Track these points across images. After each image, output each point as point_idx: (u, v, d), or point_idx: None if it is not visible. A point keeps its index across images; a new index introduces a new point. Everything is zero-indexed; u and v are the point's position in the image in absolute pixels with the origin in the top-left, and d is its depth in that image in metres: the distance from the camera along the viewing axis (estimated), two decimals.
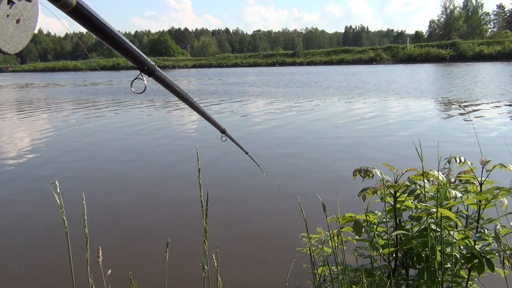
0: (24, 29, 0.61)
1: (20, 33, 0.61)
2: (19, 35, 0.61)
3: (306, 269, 2.32)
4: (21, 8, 0.60)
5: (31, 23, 0.63)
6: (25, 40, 0.62)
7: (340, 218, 1.70)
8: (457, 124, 9.32)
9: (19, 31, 0.60)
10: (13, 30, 0.59)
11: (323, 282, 1.98)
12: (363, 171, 1.60)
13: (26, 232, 3.97)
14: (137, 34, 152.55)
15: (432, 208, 1.43)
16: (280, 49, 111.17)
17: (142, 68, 0.89)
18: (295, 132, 8.87)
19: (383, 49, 65.18)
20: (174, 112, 13.12)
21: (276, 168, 5.84)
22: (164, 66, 73.24)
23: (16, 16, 0.59)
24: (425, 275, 1.50)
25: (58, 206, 1.13)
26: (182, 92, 1.13)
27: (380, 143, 7.37)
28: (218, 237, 3.45)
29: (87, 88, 26.93)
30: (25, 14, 0.61)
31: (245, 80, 30.66)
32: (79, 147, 7.89)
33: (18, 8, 0.59)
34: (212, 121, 1.59)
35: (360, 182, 1.60)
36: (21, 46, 0.61)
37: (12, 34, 0.59)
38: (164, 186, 5.31)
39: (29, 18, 0.62)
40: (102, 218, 4.19)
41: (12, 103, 18.28)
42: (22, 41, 0.62)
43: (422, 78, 25.83)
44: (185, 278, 3.00)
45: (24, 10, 0.60)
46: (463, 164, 1.63)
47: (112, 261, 3.21)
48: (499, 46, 52.43)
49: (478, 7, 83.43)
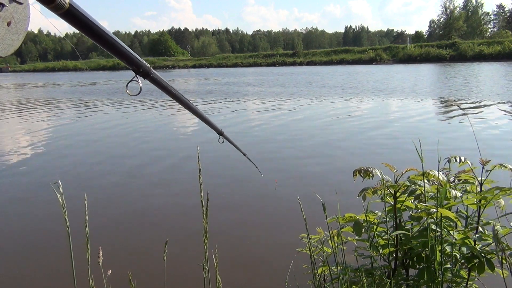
0: (15, 32, 0.61)
1: (11, 36, 0.61)
2: (10, 37, 0.60)
3: (306, 269, 2.32)
4: (12, 11, 0.59)
5: (22, 26, 0.62)
6: (17, 43, 0.62)
7: (340, 218, 1.70)
8: (457, 123, 9.32)
9: (10, 33, 0.60)
10: (4, 33, 0.59)
11: (323, 282, 1.98)
12: (363, 171, 1.60)
13: (25, 232, 3.97)
14: (137, 34, 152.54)
15: (432, 208, 1.43)
16: (280, 49, 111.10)
17: (137, 70, 0.88)
18: (292, 131, 8.88)
19: (383, 49, 65.14)
20: (174, 113, 13.11)
21: (274, 167, 5.84)
22: (164, 66, 73.21)
23: (6, 19, 0.59)
24: (425, 275, 1.50)
25: (60, 206, 1.13)
26: (178, 94, 1.13)
27: (380, 143, 7.37)
28: (218, 237, 3.45)
29: (86, 88, 26.92)
30: (16, 17, 0.60)
31: (243, 80, 30.66)
32: (80, 146, 7.89)
33: (9, 11, 0.59)
34: (209, 122, 1.57)
35: (360, 182, 1.60)
36: (12, 49, 0.61)
37: (3, 37, 0.59)
38: (164, 186, 5.31)
39: (20, 20, 0.61)
40: (102, 218, 4.18)
41: (9, 103, 18.27)
42: (14, 44, 0.61)
43: (422, 78, 25.83)
44: (185, 278, 3.00)
45: (15, 12, 0.60)
46: (463, 164, 1.63)
47: (112, 261, 3.21)
48: (499, 46, 52.40)
49: (478, 7, 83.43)
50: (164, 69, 69.32)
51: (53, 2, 0.59)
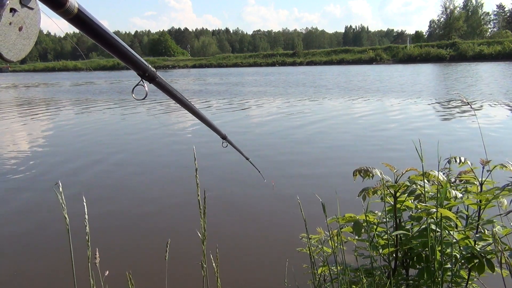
0: (26, 37, 0.62)
1: (23, 41, 0.61)
2: (22, 42, 0.61)
3: (306, 269, 2.32)
4: (23, 16, 0.60)
5: (33, 31, 0.63)
6: (28, 48, 0.63)
7: (340, 218, 1.70)
8: (458, 123, 9.32)
9: (21, 38, 0.61)
10: (16, 38, 0.60)
11: (323, 282, 1.98)
12: (363, 171, 1.59)
13: (25, 232, 3.97)
14: (137, 34, 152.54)
15: (432, 208, 1.43)
16: (280, 49, 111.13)
17: (143, 74, 0.88)
18: (292, 131, 8.87)
19: (383, 49, 65.13)
20: (174, 115, 13.11)
21: (274, 167, 5.84)
22: (164, 66, 73.18)
23: (18, 24, 0.59)
24: (425, 275, 1.50)
25: (60, 206, 1.13)
26: (183, 98, 1.13)
27: (380, 143, 7.37)
28: (217, 237, 3.44)
29: (86, 88, 26.91)
30: (27, 22, 0.61)
31: (243, 80, 30.67)
32: (80, 146, 7.89)
33: (21, 16, 0.59)
34: (213, 127, 1.59)
35: (360, 182, 1.60)
36: (23, 54, 0.62)
37: (14, 42, 0.59)
38: (164, 186, 5.31)
39: (31, 25, 0.62)
40: (102, 218, 4.18)
41: (9, 103, 18.28)
42: (25, 49, 0.62)
43: (422, 78, 25.83)
44: (184, 278, 2.99)
45: (26, 17, 0.61)
46: (463, 164, 1.63)
47: (112, 261, 3.21)
48: (499, 46, 52.40)
49: (478, 7, 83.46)
50: (164, 69, 69.30)
51: (62, 7, 0.60)
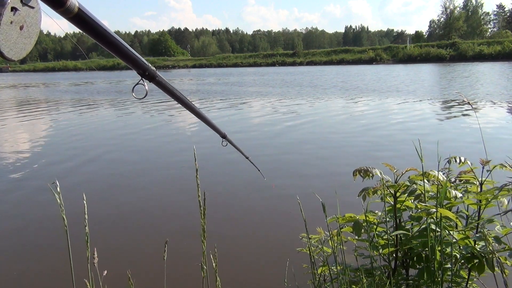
0: (27, 36, 0.62)
1: (24, 40, 0.61)
2: (23, 41, 0.61)
3: (306, 269, 2.31)
4: (24, 15, 0.60)
5: (34, 30, 0.63)
6: (29, 47, 0.63)
7: (340, 218, 1.70)
8: (458, 123, 9.32)
9: (22, 37, 0.61)
10: (17, 37, 0.60)
11: (323, 282, 1.97)
12: (363, 171, 1.59)
13: (25, 232, 3.97)
14: (137, 34, 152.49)
15: (432, 208, 1.43)
16: (280, 49, 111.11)
17: (143, 73, 0.88)
18: (292, 131, 8.87)
19: (383, 49, 65.15)
20: (174, 114, 13.11)
21: (273, 167, 5.84)
22: (164, 66, 73.22)
23: (19, 23, 0.59)
24: (425, 275, 1.50)
25: (58, 205, 1.13)
26: (183, 97, 1.13)
27: (380, 143, 7.37)
28: (217, 237, 3.44)
29: (85, 88, 26.92)
30: (28, 21, 0.61)
31: (235, 80, 30.68)
32: (80, 146, 7.89)
33: (22, 15, 0.59)
34: (213, 126, 1.60)
35: (360, 182, 1.60)
36: (24, 53, 0.62)
37: (16, 41, 0.59)
38: (163, 186, 5.31)
39: (32, 24, 0.62)
40: (102, 218, 4.18)
41: (8, 103, 18.28)
42: (26, 48, 0.62)
43: (422, 78, 25.83)
44: (184, 278, 2.99)
45: (27, 16, 0.61)
46: (463, 164, 1.63)
47: (111, 261, 3.21)
48: (499, 46, 52.42)
49: (478, 7, 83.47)
50: (164, 69, 69.33)
51: (62, 6, 0.60)
